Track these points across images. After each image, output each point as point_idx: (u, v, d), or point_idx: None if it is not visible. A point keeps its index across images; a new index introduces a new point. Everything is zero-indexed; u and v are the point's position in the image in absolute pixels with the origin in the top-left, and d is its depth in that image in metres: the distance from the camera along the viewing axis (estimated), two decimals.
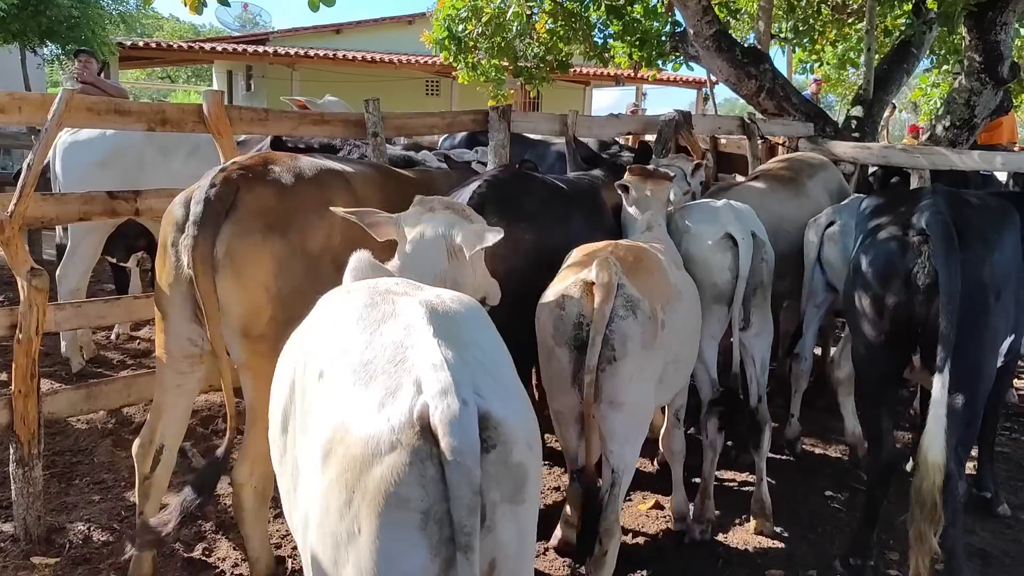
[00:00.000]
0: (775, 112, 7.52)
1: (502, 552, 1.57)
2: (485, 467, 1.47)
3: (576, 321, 2.78)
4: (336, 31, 22.21)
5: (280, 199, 2.83)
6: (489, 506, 1.50)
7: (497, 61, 9.28)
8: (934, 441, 3.02)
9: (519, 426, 1.57)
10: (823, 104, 20.12)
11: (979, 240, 3.20)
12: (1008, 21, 7.14)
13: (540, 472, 1.71)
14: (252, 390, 2.88)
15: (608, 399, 2.77)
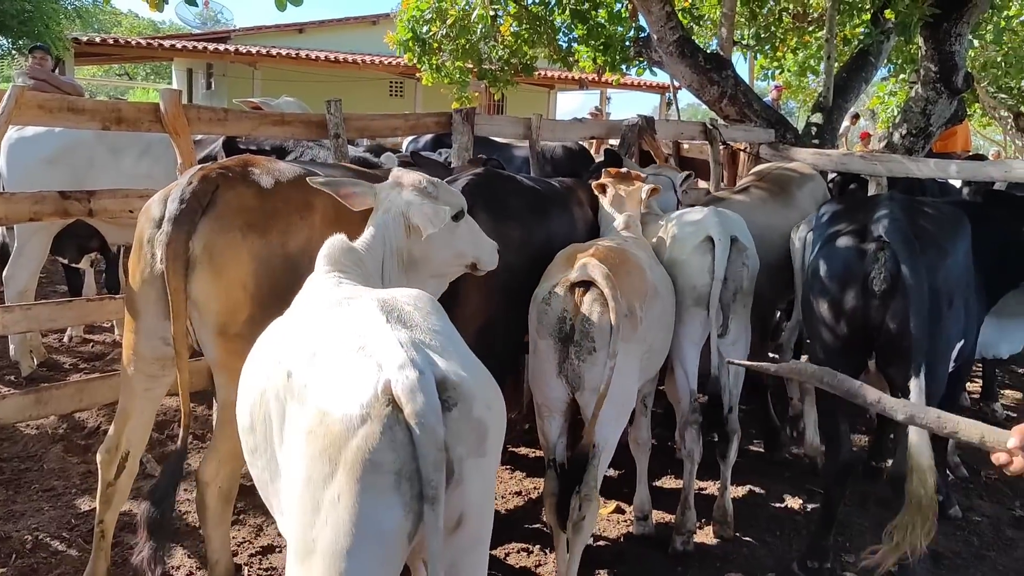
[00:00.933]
0: (737, 118, 7.60)
1: (468, 505, 1.75)
2: (449, 424, 1.65)
3: (560, 316, 2.99)
4: (299, 30, 21.98)
5: (261, 199, 2.84)
6: (456, 461, 1.69)
7: (461, 63, 9.22)
8: (923, 447, 3.04)
9: (476, 386, 1.77)
10: (784, 110, 20.43)
11: (933, 247, 3.25)
12: (962, 32, 7.30)
13: (502, 430, 1.86)
14: (226, 389, 2.86)
15: (591, 387, 2.96)
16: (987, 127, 20.78)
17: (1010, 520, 4.16)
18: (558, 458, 3.16)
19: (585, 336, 2.96)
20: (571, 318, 2.98)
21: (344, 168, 3.60)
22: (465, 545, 1.80)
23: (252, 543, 3.65)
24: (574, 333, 2.98)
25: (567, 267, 3.10)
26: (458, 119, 4.65)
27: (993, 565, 3.74)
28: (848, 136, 14.34)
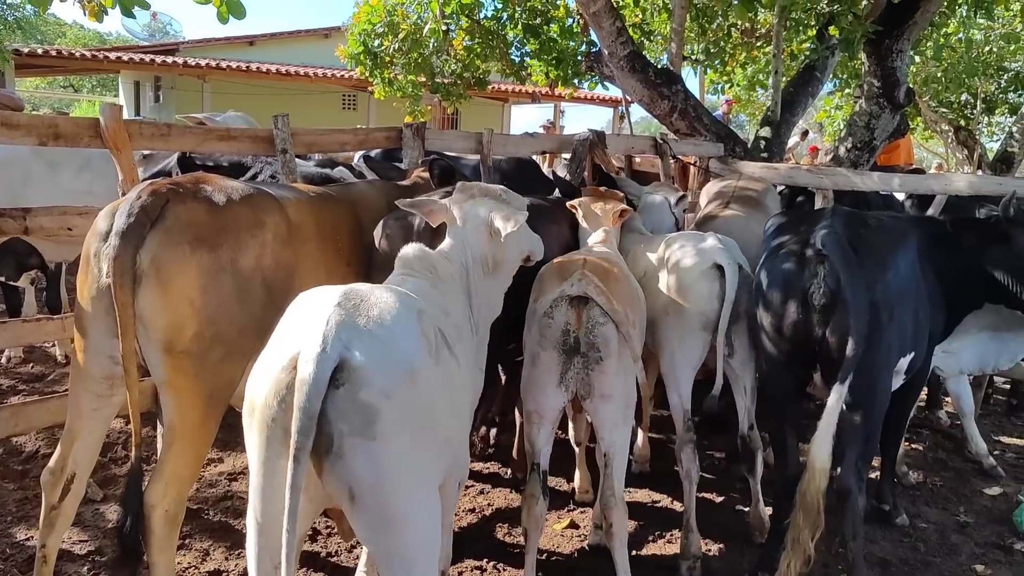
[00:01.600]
0: (687, 132, 7.69)
1: (357, 483, 1.94)
2: (333, 401, 1.90)
3: (564, 328, 3.10)
4: (249, 43, 21.74)
5: (211, 215, 2.82)
6: (337, 435, 1.91)
7: (414, 77, 9.22)
8: (822, 447, 3.10)
9: (377, 374, 1.94)
10: (735, 123, 20.79)
11: (873, 260, 3.30)
12: (903, 49, 7.50)
13: (404, 420, 1.99)
14: (173, 409, 2.80)
15: (599, 393, 3.08)
16: (929, 140, 21.38)
17: (955, 526, 4.23)
18: (542, 464, 3.25)
19: (592, 347, 3.08)
20: (574, 330, 3.09)
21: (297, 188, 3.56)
22: (372, 522, 2.00)
23: (198, 568, 3.55)
24: (579, 345, 3.08)
25: (560, 281, 3.19)
26: (408, 134, 4.61)
27: (939, 571, 3.79)
28: (797, 151, 14.62)
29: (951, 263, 3.78)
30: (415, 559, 2.05)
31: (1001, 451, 5.31)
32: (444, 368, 2.22)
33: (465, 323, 2.78)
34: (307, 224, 3.19)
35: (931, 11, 7.47)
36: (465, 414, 2.61)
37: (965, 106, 16.92)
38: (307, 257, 3.13)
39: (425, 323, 2.21)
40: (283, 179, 4.19)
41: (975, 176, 6.99)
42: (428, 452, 2.09)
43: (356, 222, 3.57)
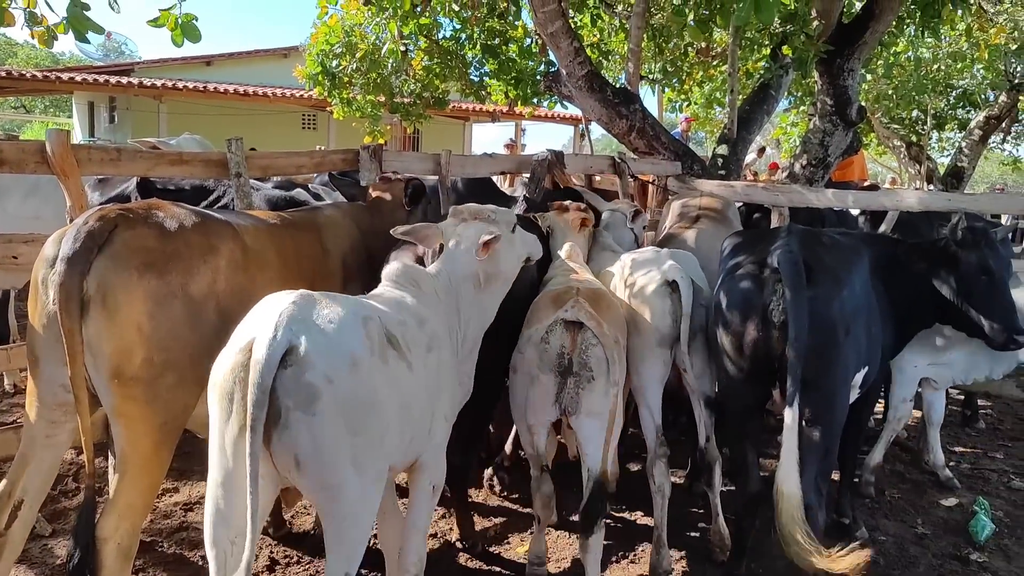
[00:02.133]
0: (646, 151, 7.75)
1: (301, 451, 2.28)
2: (282, 380, 2.23)
3: (559, 352, 3.30)
4: (207, 63, 21.54)
5: (161, 240, 2.81)
6: (284, 409, 2.24)
7: (373, 97, 9.18)
8: (789, 474, 3.12)
9: (320, 359, 2.28)
10: (694, 140, 21.05)
11: (828, 278, 3.34)
12: (854, 68, 7.65)
13: (343, 402, 2.30)
14: (124, 438, 2.77)
15: (587, 411, 3.28)
16: (883, 155, 21.85)
17: (913, 538, 4.28)
18: (548, 463, 3.63)
19: (584, 367, 3.28)
20: (568, 353, 3.29)
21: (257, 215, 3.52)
22: (314, 487, 2.35)
23: None
24: (572, 366, 3.28)
25: (555, 308, 3.39)
26: (365, 156, 4.58)
27: None
28: (755, 167, 14.83)
29: (903, 284, 3.85)
30: (346, 518, 2.39)
31: (956, 462, 5.39)
32: (391, 368, 2.51)
33: (445, 335, 3.00)
34: (265, 250, 3.17)
35: (880, 31, 7.63)
36: (425, 415, 2.77)
37: (916, 122, 17.34)
38: (266, 283, 3.11)
39: (370, 327, 2.49)
40: (238, 204, 4.13)
41: (925, 192, 7.16)
42: (365, 434, 2.38)
43: (322, 246, 3.55)
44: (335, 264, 3.59)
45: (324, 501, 2.39)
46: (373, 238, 3.95)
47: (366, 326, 2.48)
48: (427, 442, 2.84)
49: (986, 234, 3.89)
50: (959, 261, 3.83)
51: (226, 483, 2.29)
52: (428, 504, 2.96)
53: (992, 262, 3.79)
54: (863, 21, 7.50)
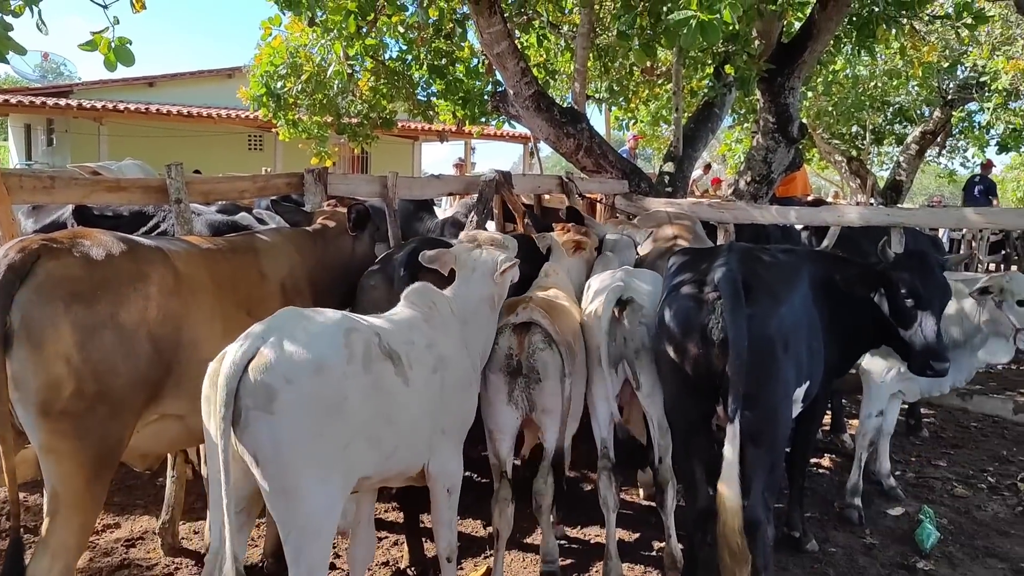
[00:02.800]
0: (593, 169, 7.81)
1: (259, 450, 2.45)
2: (244, 381, 2.43)
3: (507, 353, 3.55)
4: (149, 84, 21.15)
5: (87, 269, 2.74)
6: (244, 408, 2.43)
7: (319, 118, 9.10)
8: (730, 487, 3.15)
9: (280, 363, 2.46)
10: (642, 156, 21.31)
11: (767, 295, 3.38)
12: (795, 86, 7.83)
13: (303, 404, 2.46)
14: (54, 475, 2.69)
15: (541, 408, 3.56)
16: (825, 170, 22.38)
17: (862, 548, 4.34)
18: (508, 472, 3.69)
19: (531, 369, 3.51)
20: (516, 355, 3.53)
21: (191, 240, 3.44)
22: (271, 489, 2.48)
23: None
24: (521, 367, 3.52)
25: (508, 314, 3.61)
26: (310, 179, 4.52)
27: None
28: (700, 183, 15.06)
29: (845, 303, 3.92)
30: (305, 527, 2.51)
31: (901, 471, 5.49)
32: (375, 379, 2.66)
33: (456, 356, 3.20)
34: (199, 276, 3.12)
35: (818, 50, 7.82)
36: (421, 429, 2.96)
37: (856, 138, 17.83)
38: (199, 309, 3.06)
39: (353, 338, 2.65)
40: (178, 230, 4.04)
41: (865, 208, 7.33)
42: (330, 439, 2.52)
43: (259, 271, 3.49)
44: (273, 289, 3.54)
45: (282, 507, 2.50)
46: (316, 264, 3.90)
47: (348, 336, 2.64)
48: (424, 455, 3.06)
49: (921, 258, 3.96)
50: (890, 283, 3.90)
51: (214, 474, 2.51)
52: (446, 503, 3.24)
53: (921, 287, 3.83)
54: (802, 40, 7.68)
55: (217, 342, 3.07)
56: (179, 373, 2.98)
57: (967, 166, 18.80)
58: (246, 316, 3.27)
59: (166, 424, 3.06)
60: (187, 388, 3.00)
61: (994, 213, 7.48)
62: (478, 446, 3.86)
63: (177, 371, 2.97)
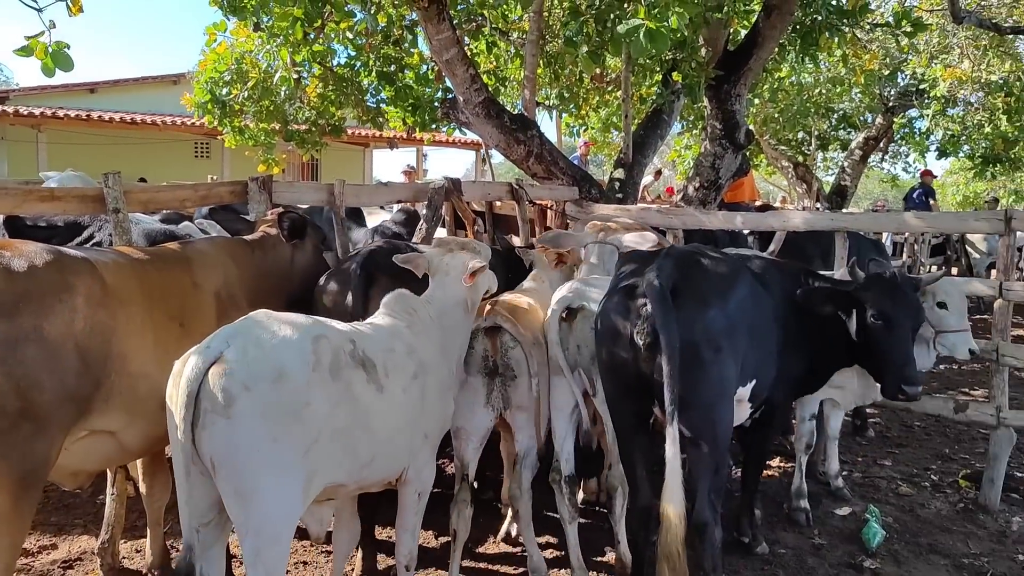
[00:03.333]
0: (544, 175, 7.80)
1: (216, 453, 2.49)
2: (204, 384, 2.47)
3: (483, 355, 3.68)
4: (91, 90, 20.59)
5: (8, 281, 2.65)
6: (203, 411, 2.48)
7: (266, 125, 8.96)
8: (673, 494, 3.15)
9: (240, 368, 2.49)
10: (594, 162, 21.46)
11: (694, 299, 3.40)
12: (741, 93, 7.95)
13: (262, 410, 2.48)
14: None
15: (516, 405, 3.68)
16: (772, 175, 22.81)
17: (811, 549, 4.39)
18: (470, 475, 3.78)
19: (507, 368, 3.65)
20: (491, 356, 3.66)
21: (120, 250, 3.35)
22: (228, 492, 2.51)
23: None
24: (497, 367, 3.65)
25: (476, 319, 3.72)
26: (254, 187, 4.43)
27: None
28: (652, 189, 15.21)
29: (813, 320, 3.94)
30: (262, 531, 2.52)
31: (848, 471, 5.58)
32: (344, 387, 2.69)
33: (437, 360, 3.26)
34: (128, 286, 3.04)
35: (763, 57, 7.95)
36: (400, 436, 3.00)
37: (802, 144, 18.20)
38: (129, 320, 2.98)
39: (320, 345, 2.67)
40: (116, 240, 3.93)
41: (809, 213, 7.44)
42: (289, 444, 2.52)
43: (192, 281, 3.40)
44: (207, 299, 3.46)
45: (239, 511, 2.51)
46: (254, 273, 3.83)
47: (316, 343, 2.67)
48: (404, 461, 3.10)
49: (892, 278, 3.92)
50: (859, 305, 3.89)
51: (179, 478, 2.56)
52: (414, 509, 3.27)
53: (891, 309, 3.83)
54: (747, 48, 7.80)
55: (149, 354, 3.01)
56: (109, 387, 2.89)
57: (909, 171, 19.34)
58: (179, 327, 3.20)
59: (97, 441, 2.98)
60: (118, 403, 2.91)
61: (933, 217, 7.67)
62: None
63: (107, 385, 2.89)
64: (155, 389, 3.02)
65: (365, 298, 3.76)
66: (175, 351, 3.06)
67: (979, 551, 4.40)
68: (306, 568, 4.05)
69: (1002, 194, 26.17)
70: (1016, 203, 25.39)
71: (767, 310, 3.78)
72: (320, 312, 3.81)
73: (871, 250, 6.36)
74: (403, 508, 3.26)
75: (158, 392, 3.02)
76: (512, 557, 4.22)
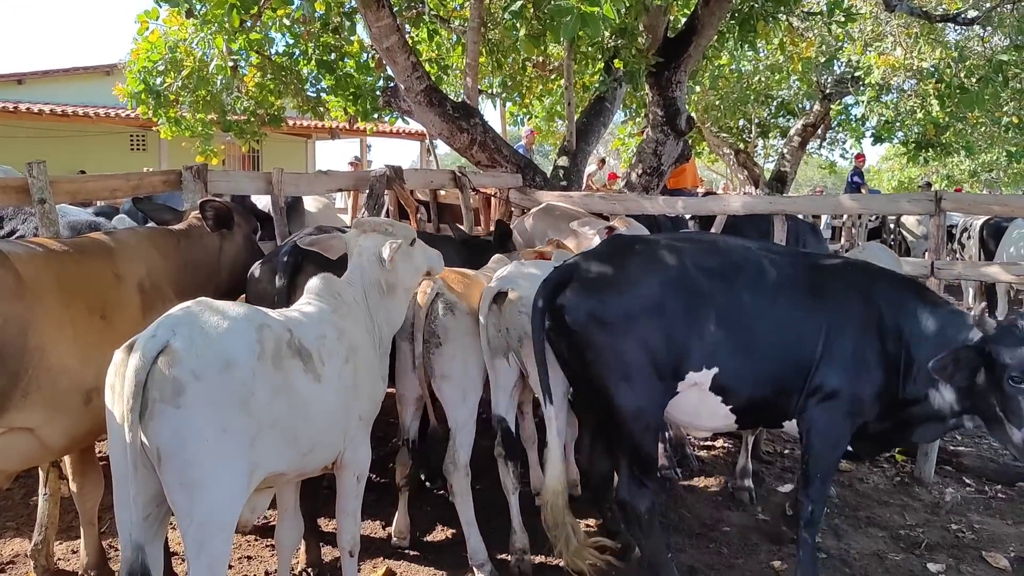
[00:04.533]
0: (488, 163, 7.79)
1: (163, 444, 2.44)
2: (153, 373, 2.41)
3: (411, 320, 3.69)
4: (18, 81, 19.87)
5: None
6: (151, 400, 2.41)
7: (203, 115, 8.75)
8: (554, 465, 3.48)
9: (190, 357, 2.46)
10: (540, 152, 21.49)
11: (589, 287, 3.46)
12: (681, 80, 8.03)
13: (211, 400, 2.47)
14: None
15: (440, 374, 3.72)
16: (714, 163, 23.13)
17: (754, 525, 4.48)
18: (411, 436, 3.99)
19: (432, 335, 3.67)
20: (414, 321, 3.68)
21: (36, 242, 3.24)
22: (173, 483, 2.47)
23: None
24: (423, 334, 3.67)
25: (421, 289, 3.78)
26: (188, 177, 4.32)
27: (742, 571, 3.99)
28: (596, 178, 15.29)
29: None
30: (207, 522, 2.49)
31: (790, 449, 5.70)
32: (284, 376, 2.68)
33: (364, 341, 3.22)
34: (43, 278, 2.94)
35: (703, 44, 8.04)
36: (337, 422, 3.00)
37: (743, 131, 18.49)
38: (46, 312, 2.88)
39: (264, 334, 2.66)
40: (43, 231, 3.80)
41: (749, 197, 7.57)
42: (235, 434, 2.51)
43: (113, 273, 3.31)
44: (129, 291, 3.36)
45: (184, 501, 2.48)
46: (179, 263, 3.76)
47: (260, 332, 2.66)
48: (340, 445, 3.09)
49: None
50: (993, 363, 3.25)
51: (118, 472, 2.48)
52: (354, 492, 3.26)
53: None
54: (687, 35, 7.89)
55: (68, 347, 2.92)
56: (26, 382, 2.80)
57: (846, 157, 19.75)
58: (100, 320, 3.12)
59: (15, 438, 2.88)
60: (36, 398, 2.82)
61: (867, 199, 7.86)
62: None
63: (24, 380, 2.79)
64: (76, 384, 2.96)
65: (291, 285, 3.73)
66: (97, 344, 3.01)
67: (915, 522, 4.53)
68: (250, 563, 3.99)
69: (935, 179, 26.95)
70: (948, 187, 26.16)
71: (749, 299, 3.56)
72: (250, 300, 3.79)
73: (808, 233, 6.50)
74: (342, 492, 3.25)
75: (79, 387, 2.96)
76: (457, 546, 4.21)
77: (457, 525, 3.97)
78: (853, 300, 3.59)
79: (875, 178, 31.66)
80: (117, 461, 2.51)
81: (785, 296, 3.55)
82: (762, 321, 3.51)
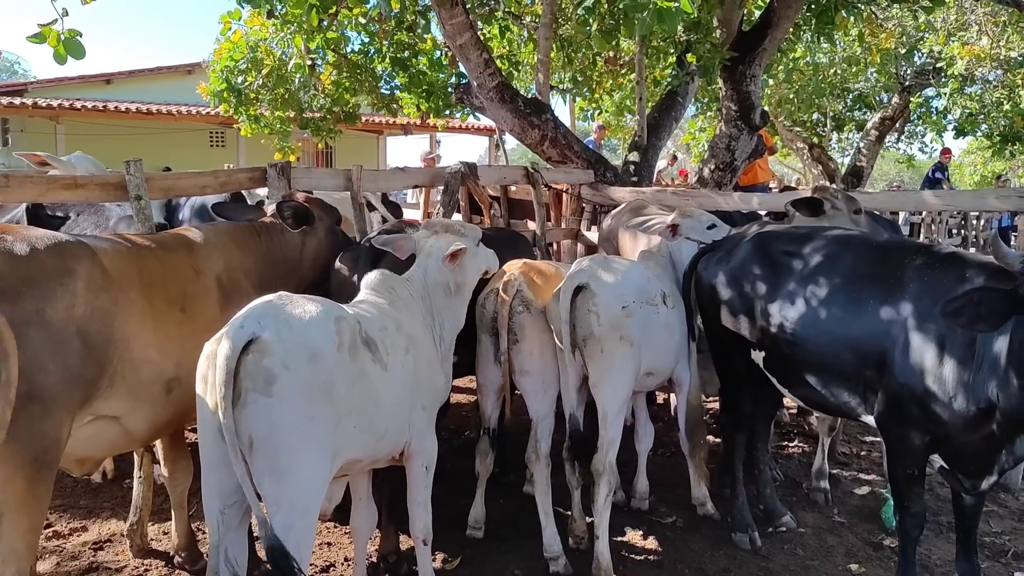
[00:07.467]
0: (559, 159, 7.80)
1: (255, 431, 2.55)
2: (244, 363, 2.53)
3: (492, 315, 3.85)
4: (107, 81, 20.75)
5: (11, 265, 2.69)
6: (244, 390, 2.53)
7: (281, 113, 8.99)
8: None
9: (279, 350, 2.57)
10: (608, 147, 21.37)
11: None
12: (756, 74, 7.90)
13: (299, 388, 2.58)
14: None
15: (519, 369, 3.88)
16: (787, 157, 22.64)
17: (830, 527, 4.41)
18: (492, 425, 4.11)
19: (510, 331, 3.78)
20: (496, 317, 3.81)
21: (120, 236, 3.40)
22: (264, 469, 2.57)
23: None
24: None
25: (498, 280, 3.89)
26: (273, 173, 4.47)
27: (818, 573, 3.94)
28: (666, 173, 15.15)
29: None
30: (295, 505, 2.60)
31: (867, 451, 5.58)
32: (359, 366, 2.80)
33: (422, 334, 3.33)
34: (127, 272, 3.07)
35: (778, 38, 7.89)
36: (403, 408, 3.11)
37: (817, 125, 18.04)
38: (130, 305, 3.01)
39: (341, 326, 2.78)
40: (139, 227, 3.98)
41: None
42: (321, 421, 2.63)
43: (193, 267, 3.45)
44: (208, 284, 3.48)
45: (273, 486, 2.59)
46: (259, 258, 3.86)
47: (338, 324, 2.78)
48: (407, 434, 3.18)
49: None
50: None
51: (207, 459, 2.64)
52: (423, 482, 3.34)
53: None
54: (762, 29, 7.75)
55: (150, 338, 3.05)
56: (112, 371, 2.93)
57: (925, 151, 19.17)
58: (179, 312, 3.24)
59: (102, 426, 3.02)
60: (121, 387, 2.96)
61: (951, 195, 7.62)
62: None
63: (110, 369, 2.92)
64: (158, 374, 3.08)
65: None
66: (176, 336, 3.15)
67: (1000, 529, 4.41)
68: (330, 548, 4.11)
69: (1020, 173, 25.85)
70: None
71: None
72: (333, 287, 3.98)
73: (887, 230, 6.33)
74: (412, 482, 3.34)
75: (160, 377, 3.09)
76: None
77: (530, 517, 4.01)
78: None
79: (955, 172, 30.48)
80: (206, 449, 2.64)
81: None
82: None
